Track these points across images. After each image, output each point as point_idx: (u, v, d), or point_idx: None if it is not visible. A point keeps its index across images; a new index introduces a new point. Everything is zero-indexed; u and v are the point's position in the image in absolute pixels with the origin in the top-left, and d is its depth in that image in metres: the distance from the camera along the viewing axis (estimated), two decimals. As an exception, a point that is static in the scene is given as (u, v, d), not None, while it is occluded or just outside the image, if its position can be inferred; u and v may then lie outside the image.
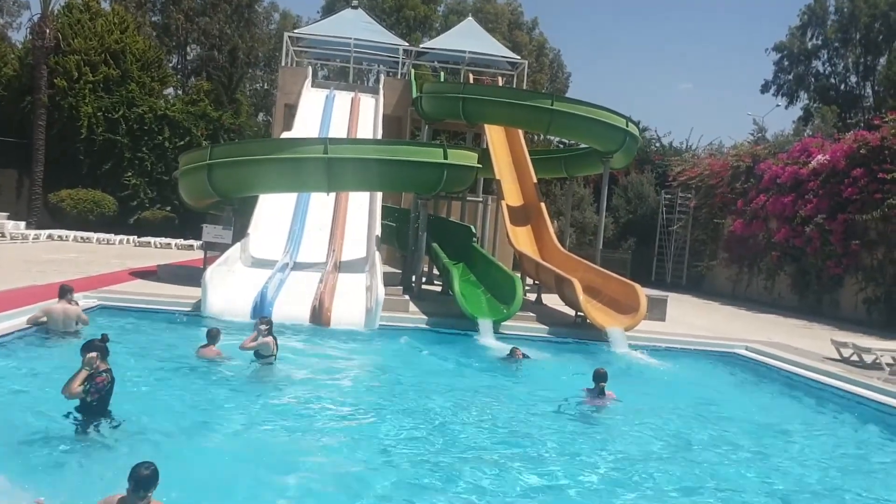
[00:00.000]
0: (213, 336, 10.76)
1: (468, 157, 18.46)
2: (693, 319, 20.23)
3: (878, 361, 14.05)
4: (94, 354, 7.07)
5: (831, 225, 24.38)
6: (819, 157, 25.90)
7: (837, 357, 14.76)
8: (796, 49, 57.25)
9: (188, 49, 56.21)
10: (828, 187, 24.98)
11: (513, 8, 61.90)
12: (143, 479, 4.92)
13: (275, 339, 10.60)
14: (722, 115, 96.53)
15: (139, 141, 37.48)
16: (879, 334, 19.45)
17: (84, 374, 6.97)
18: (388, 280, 18.43)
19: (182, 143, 37.14)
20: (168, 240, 32.42)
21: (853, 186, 23.72)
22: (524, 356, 12.55)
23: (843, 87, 57.26)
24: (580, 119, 20.71)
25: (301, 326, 13.88)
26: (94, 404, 7.01)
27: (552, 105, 20.57)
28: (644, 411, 10.21)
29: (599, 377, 10.35)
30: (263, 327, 10.53)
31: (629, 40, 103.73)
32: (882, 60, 54.24)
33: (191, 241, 31.39)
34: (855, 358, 14.55)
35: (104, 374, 7.11)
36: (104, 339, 7.98)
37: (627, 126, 21.30)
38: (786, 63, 58.26)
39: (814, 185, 25.58)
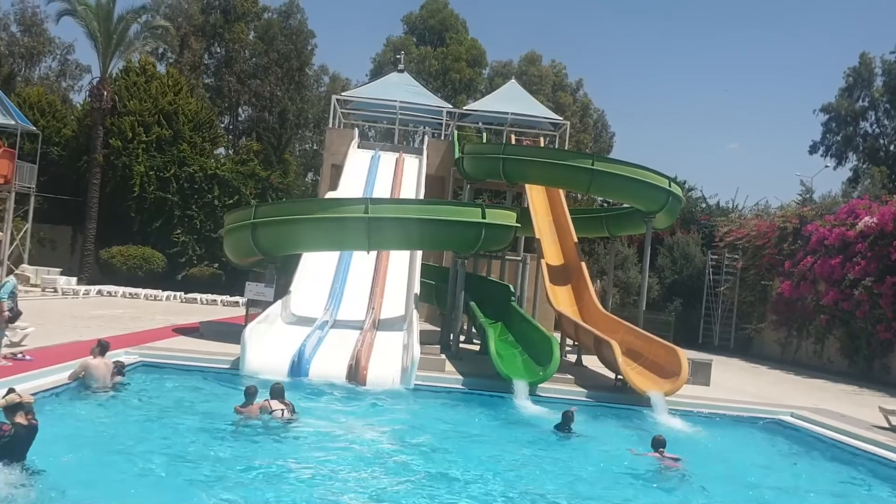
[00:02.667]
0: (251, 394, 10.84)
1: (506, 217, 18.53)
2: (739, 384, 19.75)
3: (930, 431, 13.51)
4: None
5: (880, 288, 23.79)
6: (866, 218, 25.43)
7: (886, 425, 14.24)
8: (844, 110, 56.76)
9: (240, 110, 57.88)
10: (876, 250, 24.46)
11: (557, 70, 62.63)
12: None
13: (284, 403, 10.63)
14: (769, 175, 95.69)
15: (189, 199, 38.45)
16: (933, 402, 18.74)
17: None
18: (427, 338, 18.51)
19: (231, 201, 38.00)
20: (214, 296, 32.93)
21: (903, 249, 23.19)
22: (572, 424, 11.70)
23: (892, 147, 56.41)
24: (621, 179, 20.64)
25: (337, 385, 13.90)
26: None
27: (593, 165, 20.62)
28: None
29: (658, 444, 10.42)
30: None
31: (676, 100, 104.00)
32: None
33: (236, 298, 31.82)
34: (905, 427, 14.02)
35: (7, 424, 7.31)
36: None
37: (670, 186, 21.19)
38: (833, 124, 57.74)
39: (861, 248, 25.07)
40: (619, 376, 15.93)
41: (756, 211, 37.51)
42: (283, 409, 10.53)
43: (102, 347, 11.87)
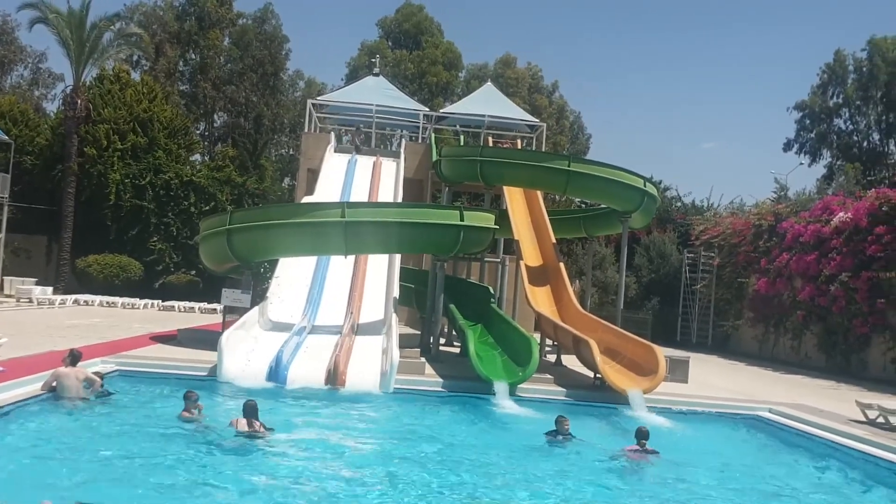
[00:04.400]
0: (189, 398, 10.82)
1: (484, 219, 18.55)
2: (716, 381, 19.88)
3: (905, 423, 13.66)
4: None
5: (856, 283, 24.05)
6: (841, 214, 25.71)
7: (863, 419, 14.38)
8: (818, 108, 57.39)
9: (215, 116, 57.59)
10: (851, 245, 24.72)
11: (533, 72, 62.88)
12: None
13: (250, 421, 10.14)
14: (744, 173, 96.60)
15: (165, 206, 38.16)
16: (909, 395, 18.97)
17: None
18: (408, 342, 18.50)
19: (207, 207, 37.73)
20: (192, 304, 32.70)
21: (877, 244, 23.46)
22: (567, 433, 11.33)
23: (865, 144, 57.13)
24: (597, 180, 20.73)
25: (316, 390, 13.84)
26: None
27: (569, 166, 20.70)
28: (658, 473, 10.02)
29: (641, 435, 10.60)
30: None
31: (651, 101, 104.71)
32: (904, 118, 54.21)
33: (214, 305, 31.59)
34: (881, 420, 14.16)
35: None
36: None
37: (645, 186, 21.31)
38: (808, 121, 58.36)
39: (837, 244, 25.33)
40: (597, 375, 15.99)
41: (731, 209, 37.85)
42: (250, 429, 10.07)
43: (74, 357, 11.72)
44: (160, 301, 33.02)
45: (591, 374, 16.69)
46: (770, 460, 11.88)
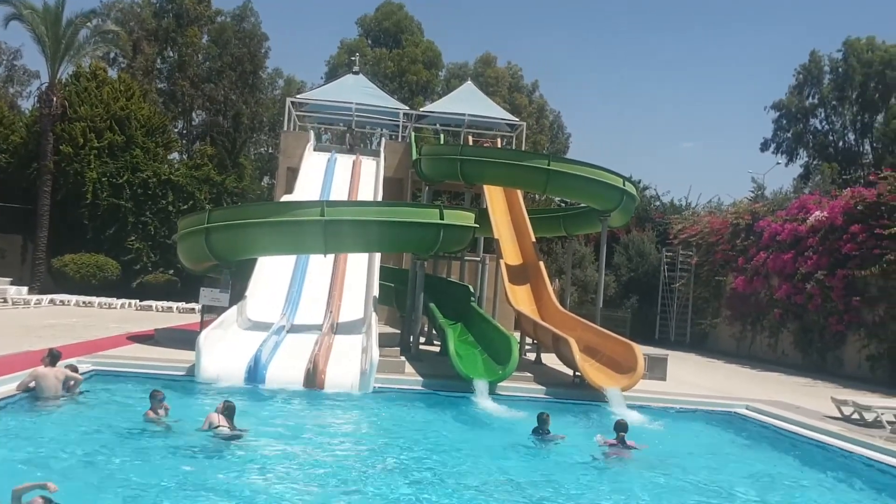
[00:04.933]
0: (154, 397, 10.67)
1: (464, 218, 18.55)
2: (694, 378, 20.02)
3: (879, 419, 13.83)
4: None
5: (831, 281, 24.30)
6: (816, 213, 25.96)
7: (839, 415, 14.55)
8: (794, 108, 57.94)
9: (193, 114, 57.17)
10: (827, 244, 24.97)
11: (513, 72, 62.97)
12: None
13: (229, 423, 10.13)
14: (722, 172, 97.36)
15: (143, 205, 37.80)
16: (883, 391, 19.21)
17: None
18: (388, 341, 18.46)
19: (186, 206, 37.43)
20: (170, 303, 32.44)
21: (852, 242, 23.70)
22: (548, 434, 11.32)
23: (841, 144, 57.78)
24: (577, 178, 20.83)
25: (295, 389, 13.78)
26: None
27: (549, 165, 20.77)
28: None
29: (620, 427, 10.76)
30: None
31: (631, 101, 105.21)
32: (879, 118, 54.85)
33: (192, 305, 31.34)
34: (856, 416, 14.33)
35: None
36: None
37: (624, 185, 21.43)
38: (784, 122, 58.90)
39: (813, 242, 25.58)
40: (576, 373, 16.06)
41: (709, 208, 38.11)
42: (226, 427, 10.05)
43: (53, 357, 11.59)
44: (138, 301, 32.72)
45: (571, 373, 16.76)
46: (747, 456, 11.96)
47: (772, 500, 9.35)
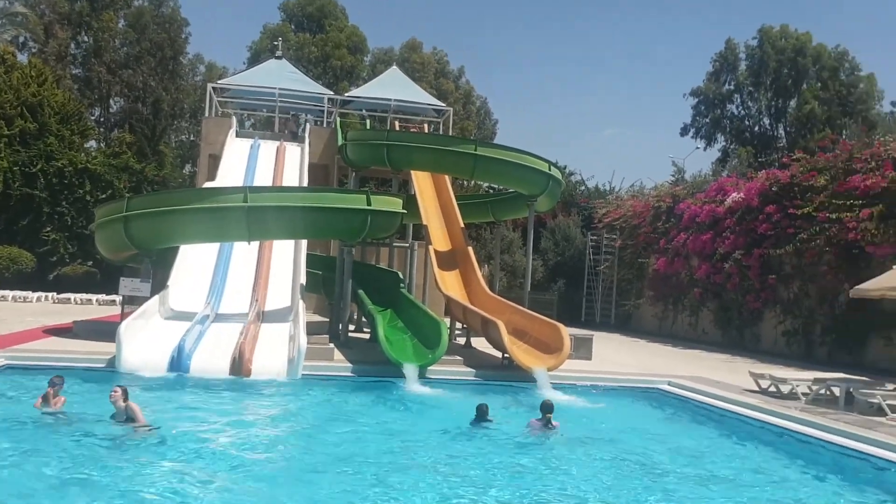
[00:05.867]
0: (53, 384, 10.29)
1: (392, 203, 18.48)
2: (619, 357, 20.48)
3: (794, 391, 14.39)
4: None
5: (748, 260, 25.13)
6: (734, 195, 26.78)
7: (756, 389, 15.08)
8: (712, 94, 59.57)
9: (111, 101, 55.36)
10: (743, 224, 25.80)
11: (439, 57, 62.86)
12: None
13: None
14: (646, 157, 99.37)
15: (59, 195, 36.45)
16: (798, 365, 19.97)
17: None
18: (317, 329, 18.30)
19: (104, 196, 36.23)
20: (89, 296, 31.42)
21: (767, 223, 24.53)
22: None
23: (757, 128, 59.71)
24: (503, 164, 20.94)
25: (221, 378, 13.54)
26: None
27: (475, 150, 20.81)
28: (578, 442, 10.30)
29: (546, 408, 10.82)
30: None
31: (556, 88, 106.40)
32: (792, 103, 56.87)
33: (113, 297, 30.41)
34: (773, 389, 14.89)
35: None
36: None
37: (550, 170, 21.64)
38: (703, 107, 60.52)
39: (730, 223, 26.39)
40: (505, 355, 16.23)
41: (632, 192, 38.94)
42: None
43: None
44: (55, 294, 31.61)
45: (500, 355, 16.91)
46: (669, 430, 12.31)
47: (692, 471, 9.64)
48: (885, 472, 9.73)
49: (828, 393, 14.23)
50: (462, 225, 23.03)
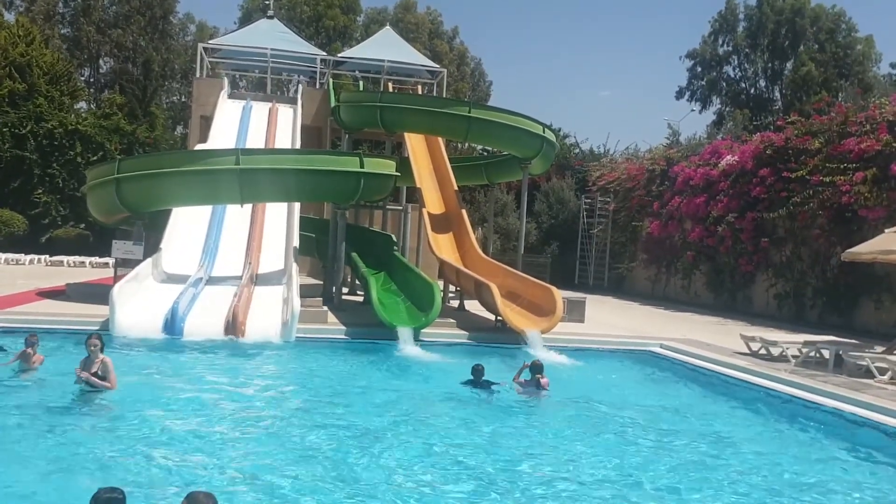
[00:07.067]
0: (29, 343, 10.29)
1: (386, 166, 18.38)
2: (612, 320, 20.58)
3: (784, 354, 14.51)
4: None
5: (741, 224, 25.15)
6: (728, 157, 26.71)
7: (747, 351, 15.20)
8: (708, 55, 59.19)
9: (101, 62, 54.72)
10: (737, 187, 25.77)
11: (433, 17, 62.20)
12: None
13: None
14: (639, 120, 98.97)
15: (49, 157, 36.21)
16: (789, 328, 20.10)
17: None
18: (310, 291, 18.29)
19: (95, 157, 36.00)
20: (82, 258, 31.38)
21: (761, 186, 24.51)
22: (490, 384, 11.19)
23: (753, 91, 59.44)
24: (498, 126, 20.81)
25: (214, 341, 13.58)
26: None
27: (469, 112, 20.65)
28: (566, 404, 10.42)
29: (536, 369, 10.97)
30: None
31: (551, 50, 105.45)
32: (788, 65, 56.55)
33: (106, 259, 30.34)
34: (763, 351, 15.01)
35: None
36: None
37: (544, 132, 21.52)
38: (699, 69, 60.16)
39: (724, 186, 26.35)
40: (498, 317, 16.30)
41: (626, 155, 38.76)
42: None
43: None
44: (48, 256, 31.55)
45: (493, 318, 16.98)
46: (661, 391, 12.44)
47: (684, 429, 9.77)
48: (871, 433, 9.84)
49: (817, 355, 14.35)
50: (456, 187, 22.98)
